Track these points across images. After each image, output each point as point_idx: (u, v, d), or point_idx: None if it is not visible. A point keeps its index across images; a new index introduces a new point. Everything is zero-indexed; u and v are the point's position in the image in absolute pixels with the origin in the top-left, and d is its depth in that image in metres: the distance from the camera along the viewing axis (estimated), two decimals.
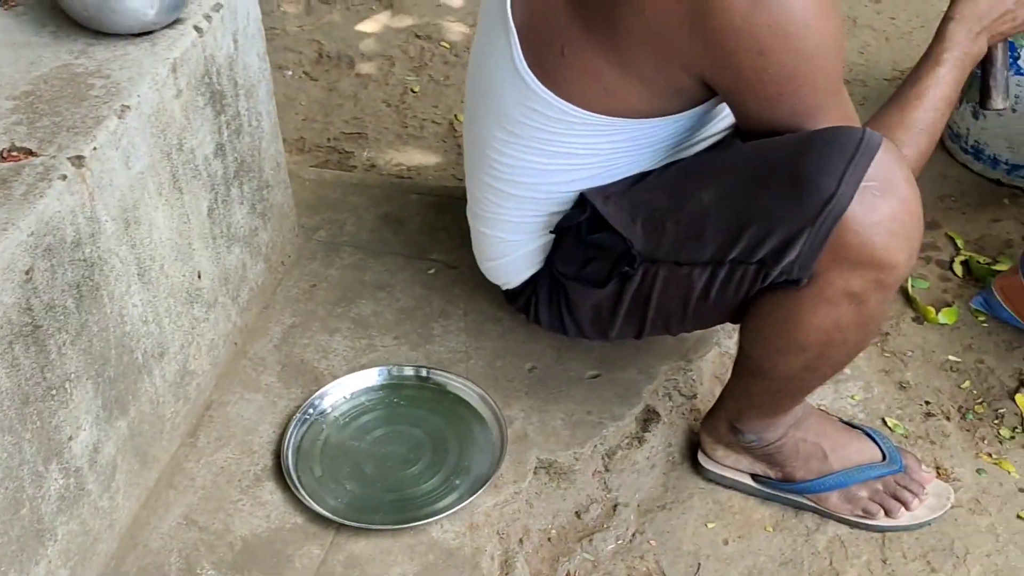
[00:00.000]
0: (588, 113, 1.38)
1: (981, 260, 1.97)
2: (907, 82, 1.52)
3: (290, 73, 2.54)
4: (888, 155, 1.27)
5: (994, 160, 2.11)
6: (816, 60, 1.28)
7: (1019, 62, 1.96)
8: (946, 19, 1.54)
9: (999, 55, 1.62)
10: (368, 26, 2.66)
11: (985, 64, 1.62)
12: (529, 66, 1.39)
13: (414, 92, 2.47)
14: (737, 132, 1.43)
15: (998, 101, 1.64)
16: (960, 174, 2.17)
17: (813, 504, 1.58)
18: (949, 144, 2.19)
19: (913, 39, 2.51)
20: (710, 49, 1.27)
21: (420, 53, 2.57)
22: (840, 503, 1.56)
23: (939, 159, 2.18)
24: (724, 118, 1.48)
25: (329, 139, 2.35)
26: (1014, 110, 2.01)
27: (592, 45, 1.34)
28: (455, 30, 2.63)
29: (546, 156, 1.46)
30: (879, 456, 1.58)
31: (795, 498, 1.59)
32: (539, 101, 1.40)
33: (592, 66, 1.35)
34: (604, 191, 1.45)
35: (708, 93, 1.37)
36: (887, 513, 1.56)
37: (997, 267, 1.95)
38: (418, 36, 2.62)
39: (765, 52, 1.26)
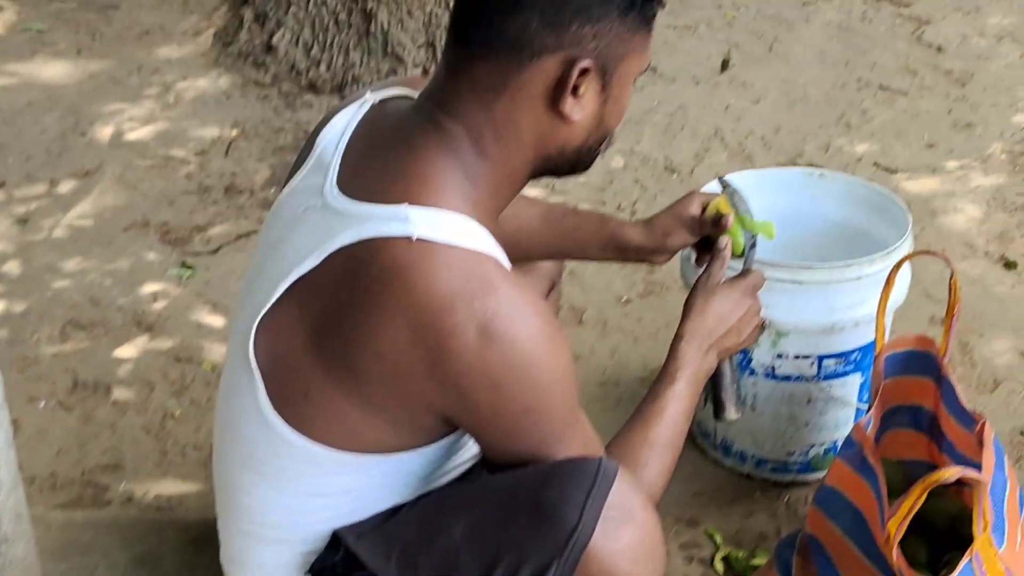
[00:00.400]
0: (336, 452, 1.39)
1: (740, 555, 2.03)
2: (647, 398, 1.59)
3: (43, 404, 2.46)
4: (625, 483, 1.32)
5: (742, 455, 2.21)
6: (550, 391, 1.34)
7: (752, 364, 2.10)
8: (677, 337, 1.65)
9: (727, 370, 1.73)
10: (126, 351, 2.62)
11: (715, 378, 1.72)
12: (274, 407, 1.39)
13: (174, 417, 2.42)
14: (484, 462, 1.45)
15: (731, 413, 1.74)
16: (712, 470, 2.25)
17: None
18: (700, 441, 2.29)
19: (659, 338, 2.65)
20: (448, 388, 1.31)
21: (181, 376, 2.54)
22: None
23: (692, 456, 2.27)
24: (474, 444, 1.51)
25: (83, 472, 2.26)
26: (753, 408, 2.13)
27: (335, 387, 1.35)
28: (217, 351, 2.62)
29: (296, 496, 1.44)
30: None
31: None
32: (285, 442, 1.39)
33: (337, 406, 1.36)
34: (357, 528, 1.44)
35: (453, 426, 1.40)
36: None
37: (755, 561, 2.01)
38: (178, 359, 2.59)
39: (500, 388, 1.30)
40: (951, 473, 1.49)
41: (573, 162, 1.42)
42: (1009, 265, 2.84)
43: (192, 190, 3.29)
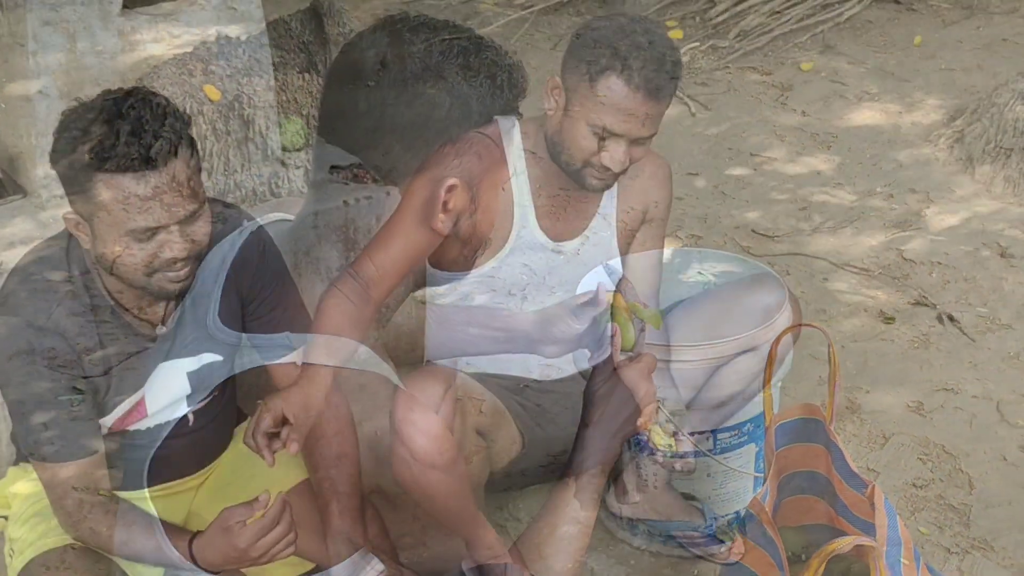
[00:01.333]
0: None
1: None
2: (556, 489, 1.61)
3: None
4: None
5: (649, 534, 2.23)
6: None
7: (650, 444, 2.13)
8: (582, 426, 1.68)
9: (626, 455, 1.76)
10: (20, 486, 2.55)
11: (616, 463, 1.75)
12: None
13: (75, 550, 2.36)
14: None
15: (633, 495, 1.77)
16: (623, 551, 2.27)
17: None
18: (608, 523, 2.30)
19: (559, 421, 2.67)
20: None
21: (78, 506, 2.47)
22: None
23: (603, 538, 2.29)
24: None
25: None
26: (655, 487, 2.16)
27: None
28: (114, 476, 2.56)
29: None
30: None
31: None
32: None
33: None
34: None
35: None
36: None
37: None
38: (74, 487, 2.52)
39: None
40: (846, 543, 1.53)
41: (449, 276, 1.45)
42: (888, 320, 2.94)
43: (78, 312, 3.23)
